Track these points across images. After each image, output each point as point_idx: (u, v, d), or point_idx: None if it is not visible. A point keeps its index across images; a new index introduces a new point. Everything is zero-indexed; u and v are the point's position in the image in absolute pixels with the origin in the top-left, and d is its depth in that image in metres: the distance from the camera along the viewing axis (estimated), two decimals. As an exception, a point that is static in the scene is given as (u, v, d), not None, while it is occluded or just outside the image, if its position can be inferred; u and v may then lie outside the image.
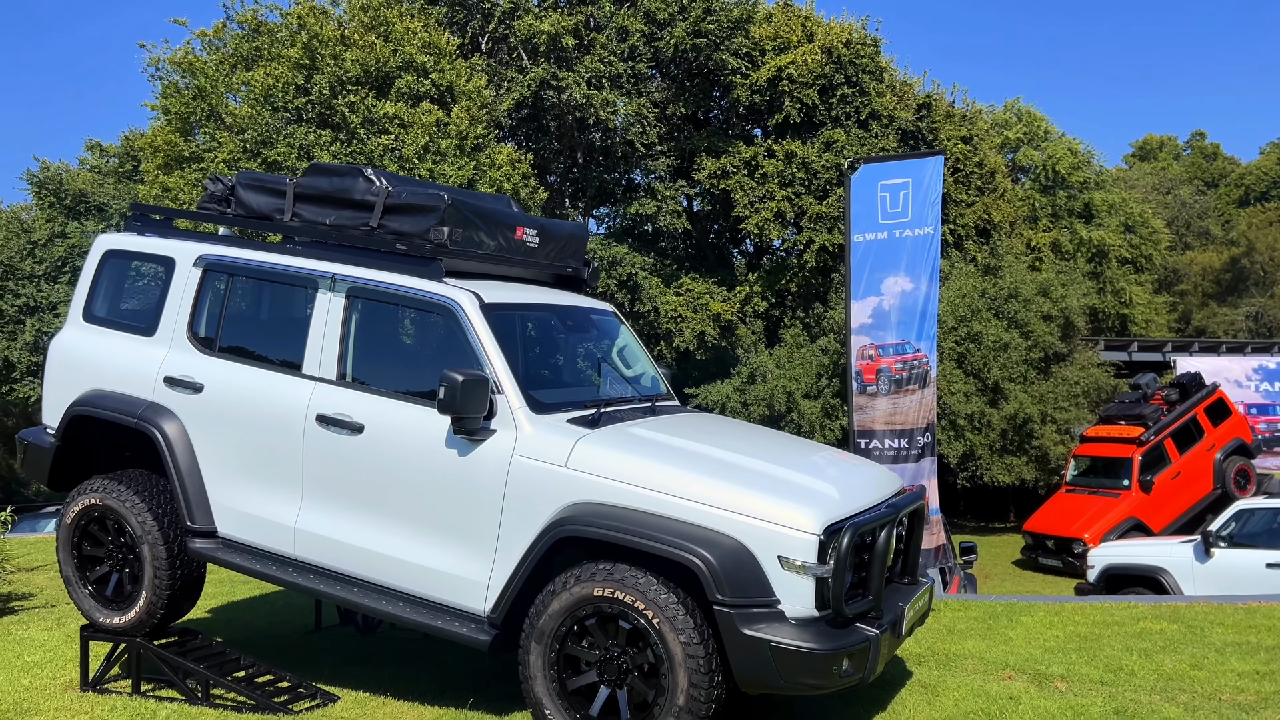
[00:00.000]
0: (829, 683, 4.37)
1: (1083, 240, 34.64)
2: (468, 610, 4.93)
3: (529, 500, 4.79)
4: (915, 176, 10.19)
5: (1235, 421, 19.36)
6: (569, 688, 4.62)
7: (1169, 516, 18.31)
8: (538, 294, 5.85)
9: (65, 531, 5.93)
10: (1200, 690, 5.51)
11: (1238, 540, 12.44)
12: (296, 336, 5.57)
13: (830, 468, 5.39)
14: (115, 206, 30.50)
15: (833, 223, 25.66)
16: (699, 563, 4.34)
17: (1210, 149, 52.98)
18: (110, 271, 6.21)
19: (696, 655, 4.35)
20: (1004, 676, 5.84)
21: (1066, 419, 22.90)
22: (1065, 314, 23.70)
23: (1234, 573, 12.04)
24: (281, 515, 5.39)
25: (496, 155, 22.87)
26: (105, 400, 5.84)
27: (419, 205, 5.34)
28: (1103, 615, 7.52)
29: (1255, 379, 23.12)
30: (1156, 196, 44.30)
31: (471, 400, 4.76)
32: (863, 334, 10.27)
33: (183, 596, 5.84)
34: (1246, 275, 41.78)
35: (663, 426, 5.31)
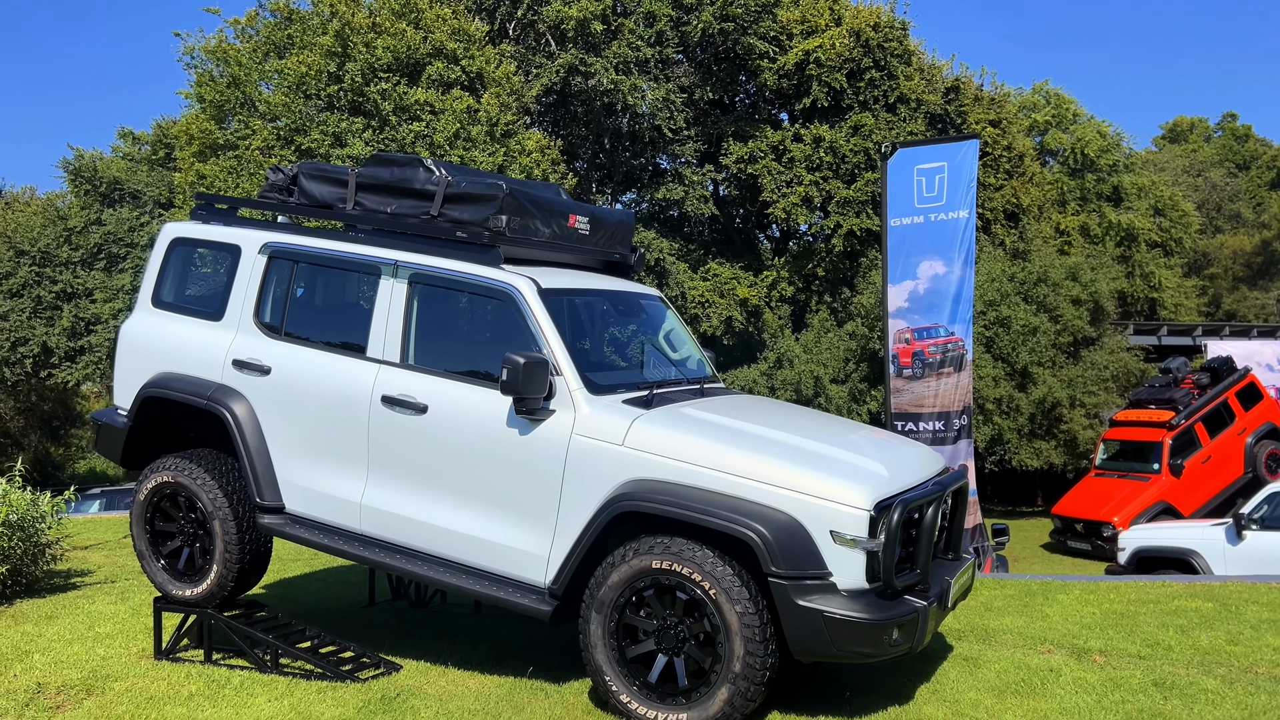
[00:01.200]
0: (879, 651, 4.56)
1: (1111, 224, 34.48)
2: (529, 582, 5.15)
3: (587, 477, 4.99)
4: (950, 160, 10.30)
5: (1267, 405, 19.33)
6: (628, 655, 4.84)
7: (1199, 500, 18.34)
8: (590, 280, 6.04)
9: (138, 508, 6.19)
10: (1237, 664, 5.66)
11: (1269, 523, 12.51)
12: (360, 321, 5.80)
13: (878, 447, 5.57)
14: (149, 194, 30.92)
15: (860, 207, 25.72)
16: (755, 537, 4.53)
17: (1242, 131, 52.40)
18: (177, 259, 6.45)
19: (752, 625, 4.55)
20: (1043, 651, 6.01)
21: (1095, 403, 22.91)
22: (1094, 298, 23.68)
23: (1266, 555, 12.13)
24: (347, 492, 5.62)
25: (526, 141, 23.06)
26: (176, 382, 6.09)
27: (478, 194, 5.54)
28: (1138, 594, 7.67)
29: (1287, 363, 23.03)
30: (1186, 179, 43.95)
31: (532, 381, 4.97)
32: (899, 318, 10.41)
33: (251, 570, 6.10)
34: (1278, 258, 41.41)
35: (713, 407, 5.50)
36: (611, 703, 4.85)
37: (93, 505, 19.37)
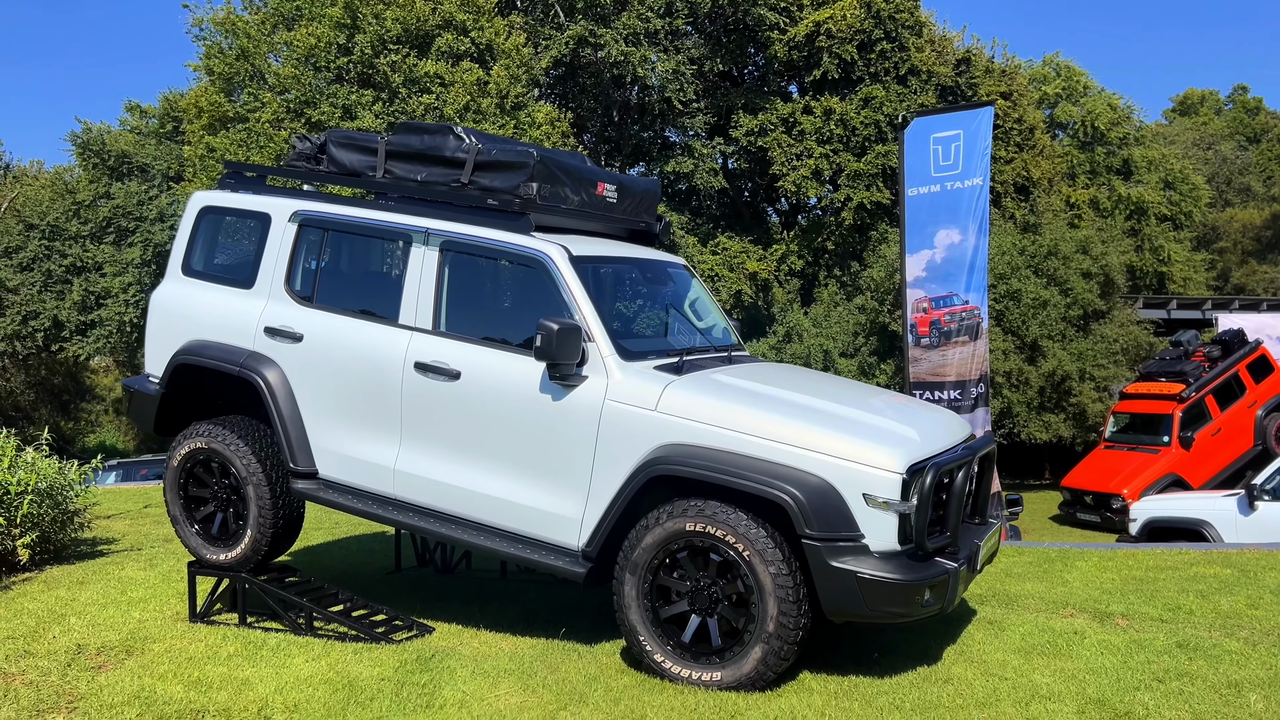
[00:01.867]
0: (911, 611, 4.64)
1: (1121, 197, 34.34)
2: (562, 545, 5.23)
3: (621, 442, 5.06)
4: (966, 128, 10.29)
5: (1278, 378, 19.35)
6: (661, 616, 4.93)
7: (1209, 472, 18.41)
8: (618, 248, 6.08)
9: (172, 474, 6.27)
10: (1258, 627, 5.74)
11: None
12: (391, 288, 5.84)
13: (908, 412, 5.63)
14: (157, 167, 30.90)
15: (870, 180, 25.66)
16: (789, 500, 4.60)
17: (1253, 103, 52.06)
18: (206, 227, 6.50)
19: (785, 585, 4.63)
20: (1066, 614, 6.09)
21: (1105, 376, 22.92)
22: (1105, 271, 23.64)
23: (1277, 526, 12.19)
24: (381, 457, 5.69)
25: (536, 114, 23.00)
26: (208, 349, 6.15)
27: (509, 162, 5.58)
28: (1156, 560, 7.75)
29: (1298, 336, 22.99)
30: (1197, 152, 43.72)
31: (566, 347, 5.02)
32: (917, 287, 10.44)
33: (284, 535, 6.18)
34: (1287, 232, 41.27)
35: (743, 373, 5.56)
36: (646, 662, 4.94)
37: (109, 477, 19.52)
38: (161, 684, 4.98)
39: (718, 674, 4.76)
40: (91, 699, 4.80)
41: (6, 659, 5.44)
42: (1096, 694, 4.58)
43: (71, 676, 5.17)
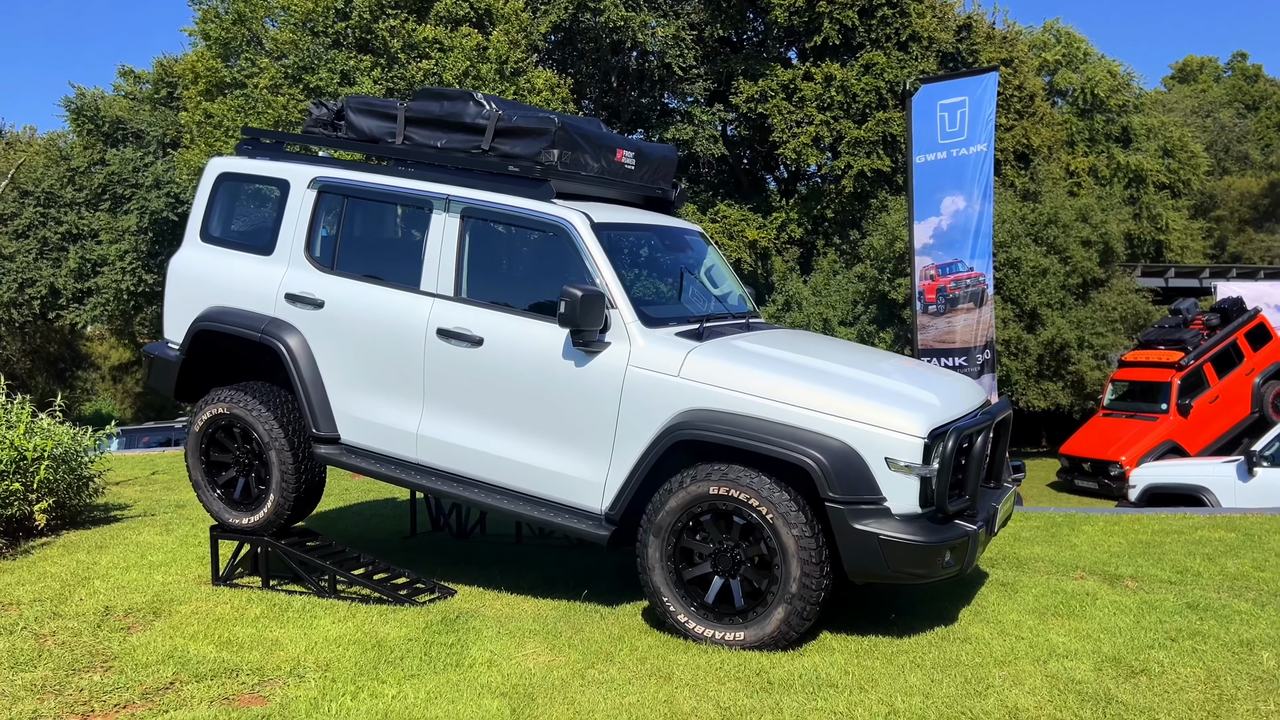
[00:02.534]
0: (932, 572, 4.73)
1: (1120, 165, 34.30)
2: (585, 509, 5.31)
3: (644, 408, 5.12)
4: (971, 94, 10.28)
5: (1275, 346, 19.46)
6: (684, 577, 5.01)
7: (1206, 440, 18.56)
8: (636, 215, 6.12)
9: (193, 439, 6.33)
10: (1265, 589, 5.85)
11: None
12: (412, 255, 5.87)
13: (928, 377, 5.69)
14: (152, 133, 30.70)
15: (871, 148, 25.60)
16: (812, 463, 4.68)
17: (1252, 70, 51.87)
18: (224, 193, 6.51)
19: (808, 547, 4.72)
20: (1076, 577, 6.20)
21: (1103, 344, 23.03)
22: (1104, 239, 23.68)
23: (1276, 491, 12.33)
24: (403, 422, 5.75)
25: (535, 79, 22.86)
26: (228, 316, 6.18)
27: (530, 129, 5.59)
28: (1161, 525, 7.86)
29: (1296, 304, 23.10)
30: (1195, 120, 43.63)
31: (590, 314, 5.07)
32: (925, 254, 10.48)
33: (306, 499, 6.26)
34: (1285, 200, 41.30)
35: (763, 340, 5.62)
36: (669, 622, 5.03)
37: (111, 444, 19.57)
38: (193, 644, 5.06)
39: (741, 634, 4.86)
40: (125, 659, 4.88)
41: (37, 620, 5.51)
42: (1112, 652, 4.68)
43: (103, 637, 5.24)
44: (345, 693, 4.34)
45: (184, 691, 4.45)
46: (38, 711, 4.26)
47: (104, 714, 4.25)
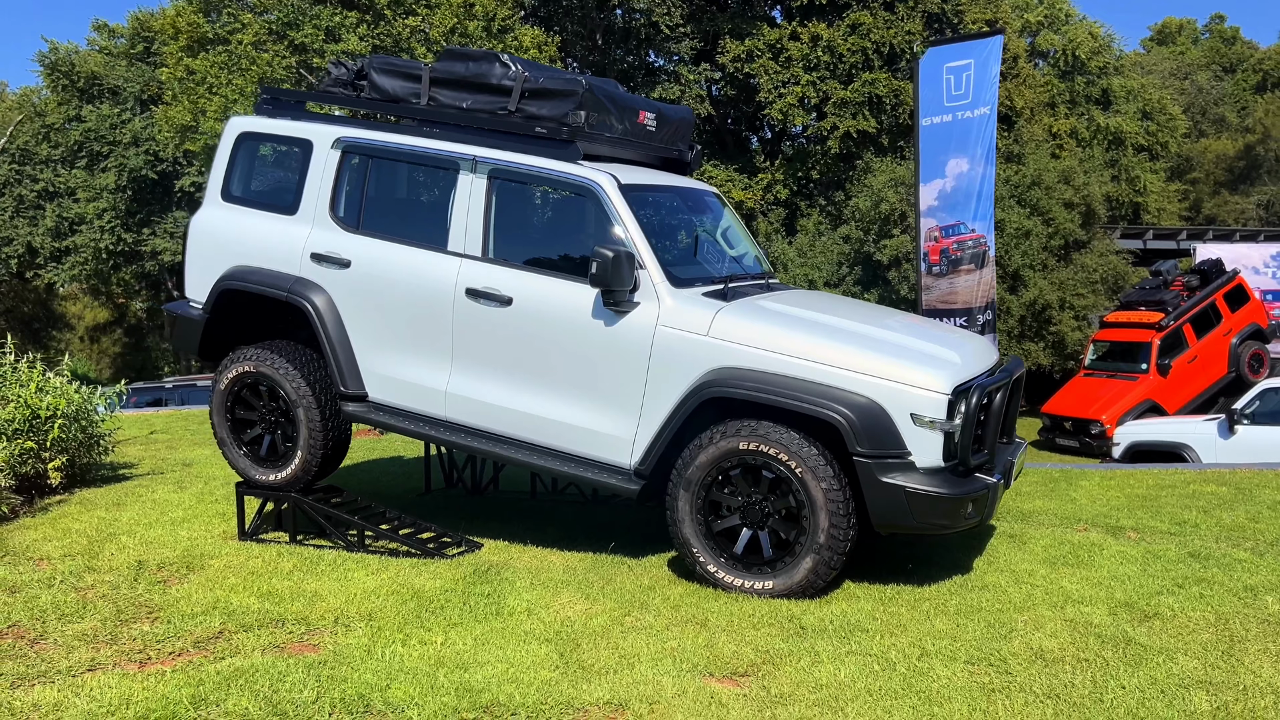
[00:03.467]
0: (955, 523, 4.93)
1: (1100, 127, 34.54)
2: (614, 464, 5.46)
3: (673, 366, 5.26)
4: (977, 57, 10.39)
5: (1253, 307, 19.84)
6: (714, 529, 5.19)
7: (1184, 399, 18.94)
8: (659, 176, 6.21)
9: (219, 397, 6.41)
10: (1262, 539, 6.11)
11: (1260, 418, 13.08)
12: (438, 215, 5.95)
13: (947, 337, 5.87)
14: (129, 90, 30.23)
15: (857, 109, 25.63)
16: (841, 419, 4.85)
17: (1229, 33, 52.12)
18: (245, 153, 6.53)
19: (836, 499, 4.90)
20: (1080, 529, 6.44)
21: (1084, 305, 23.37)
22: (1086, 201, 23.93)
23: (1255, 448, 12.69)
24: (432, 380, 5.86)
25: (523, 37, 22.71)
26: (253, 275, 6.24)
27: (557, 90, 5.66)
28: (1155, 480, 8.13)
29: (1273, 266, 23.52)
30: (1174, 82, 43.87)
31: (621, 274, 5.19)
32: (929, 216, 10.64)
33: (333, 456, 6.36)
34: (1260, 163, 41.74)
35: (787, 300, 5.76)
36: (699, 572, 5.21)
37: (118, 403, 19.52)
38: (234, 596, 5.19)
39: (769, 582, 5.04)
40: (170, 610, 5.00)
41: (72, 574, 5.62)
42: (1124, 598, 4.91)
43: (142, 590, 5.36)
44: (394, 640, 4.49)
45: (234, 640, 4.59)
46: (95, 660, 4.38)
47: (161, 661, 4.38)
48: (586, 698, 3.81)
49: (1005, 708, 3.64)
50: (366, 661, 4.23)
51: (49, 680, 4.14)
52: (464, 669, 4.12)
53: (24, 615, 4.95)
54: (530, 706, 3.73)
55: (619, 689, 3.88)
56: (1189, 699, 3.66)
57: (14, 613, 4.97)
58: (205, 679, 4.05)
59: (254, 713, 3.75)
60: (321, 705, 3.79)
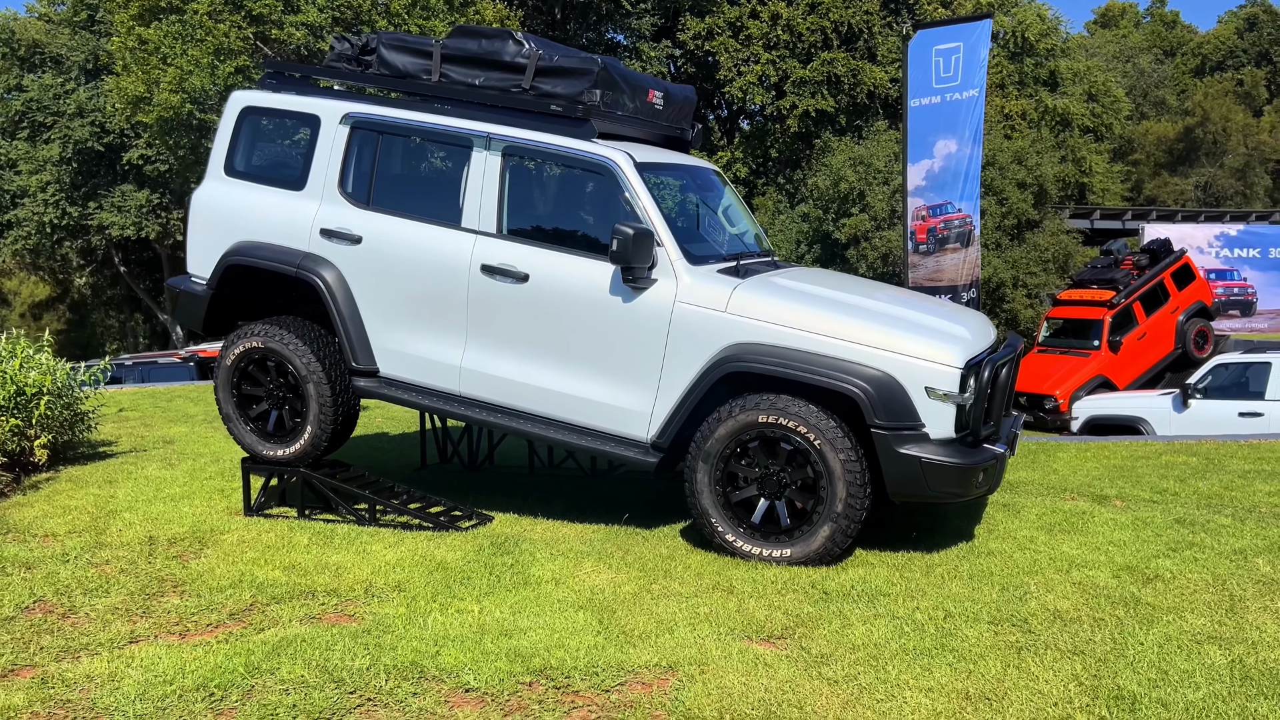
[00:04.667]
0: (967, 492, 5.14)
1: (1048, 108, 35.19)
2: (631, 437, 5.58)
3: (691, 341, 5.39)
4: (966, 40, 10.61)
5: (1198, 285, 20.51)
6: (732, 500, 5.34)
7: (1133, 374, 19.55)
8: (667, 154, 6.31)
9: (225, 373, 6.39)
10: (1239, 505, 6.44)
11: (1211, 393, 13.59)
12: (451, 192, 5.99)
13: (955, 314, 6.07)
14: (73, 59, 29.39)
15: (816, 87, 25.90)
16: (859, 393, 5.02)
17: (1170, 17, 53.35)
18: (249, 127, 6.49)
19: (853, 470, 5.08)
20: (1068, 498, 6.71)
21: (1036, 284, 23.95)
22: (1039, 182, 24.47)
23: (1207, 421, 13.19)
24: (446, 356, 5.92)
25: (484, 10, 22.55)
26: (261, 250, 6.23)
27: (572, 68, 5.72)
28: (1128, 451, 8.47)
29: (1216, 246, 24.31)
30: (1117, 65, 44.80)
31: (640, 251, 5.29)
32: (917, 196, 10.87)
33: (343, 431, 6.40)
34: (1199, 145, 42.89)
35: (798, 277, 5.92)
36: (717, 541, 5.37)
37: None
38: (258, 569, 5.22)
39: (787, 550, 5.21)
40: (196, 583, 5.03)
41: (84, 550, 5.60)
42: (1124, 561, 5.17)
43: (160, 565, 5.37)
44: (431, 609, 4.58)
45: (268, 612, 4.64)
46: (134, 632, 4.41)
47: (199, 633, 4.42)
48: (635, 661, 3.94)
49: (1036, 664, 3.84)
50: (409, 630, 4.32)
51: (93, 652, 4.17)
52: (508, 635, 4.23)
53: (48, 590, 4.94)
54: (583, 670, 3.86)
55: (664, 652, 4.02)
56: (1204, 653, 3.91)
57: (36, 588, 4.96)
58: (254, 649, 4.11)
59: (310, 679, 3.83)
60: (376, 671, 3.88)
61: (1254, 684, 3.61)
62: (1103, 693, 3.56)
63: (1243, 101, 45.06)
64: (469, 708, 3.60)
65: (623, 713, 3.52)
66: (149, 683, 3.82)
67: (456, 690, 3.73)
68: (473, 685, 3.76)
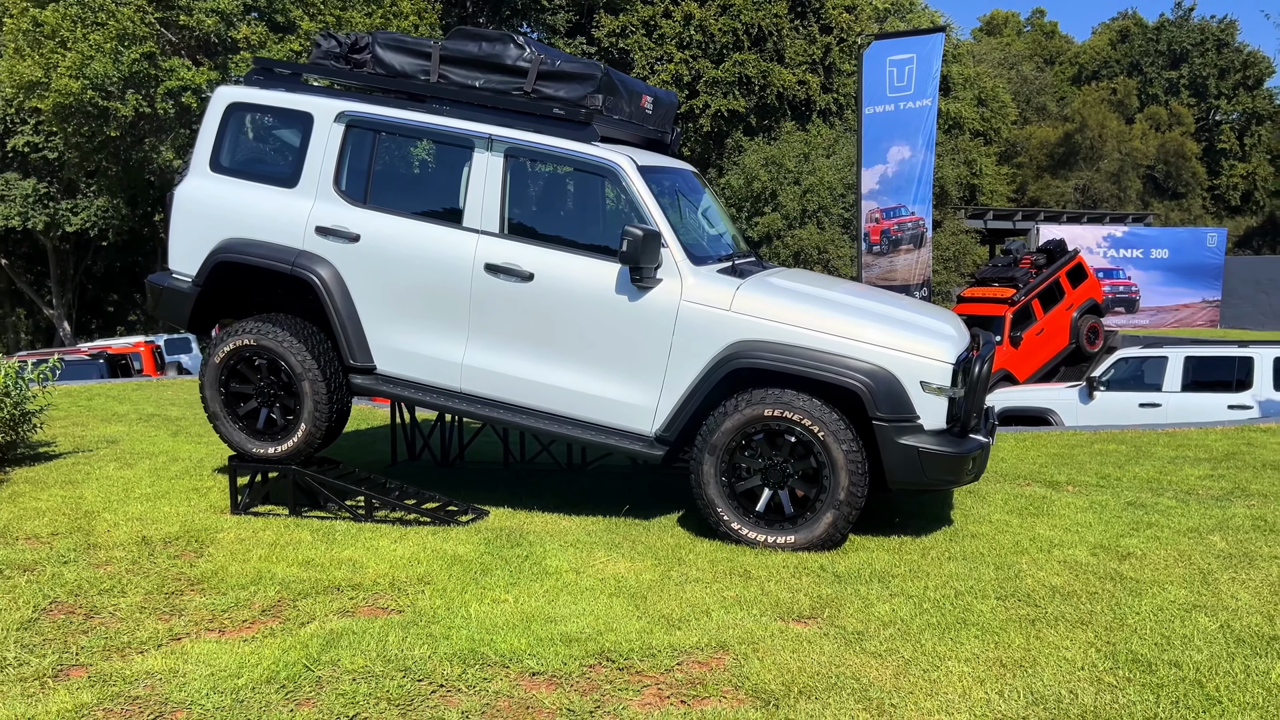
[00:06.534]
0: (960, 479, 5.52)
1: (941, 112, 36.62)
2: (637, 431, 5.79)
3: (697, 339, 5.62)
4: (919, 52, 11.13)
5: (1090, 284, 21.74)
6: (737, 490, 5.60)
7: (1032, 368, 20.63)
8: (659, 158, 6.52)
9: (213, 370, 6.33)
10: (1177, 489, 7.01)
11: (1114, 385, 14.51)
12: (451, 191, 6.09)
13: (937, 313, 6.44)
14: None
15: (728, 88, 26.41)
16: (862, 387, 5.34)
17: (1049, 27, 55.96)
18: (235, 124, 6.44)
19: (855, 460, 5.39)
20: (1024, 484, 7.19)
21: (938, 281, 24.97)
22: (941, 183, 25.51)
23: (1111, 412, 14.10)
24: (447, 353, 6.01)
25: (402, 3, 22.29)
26: (253, 248, 6.20)
27: (575, 73, 5.89)
28: (1063, 440, 9.06)
29: (1104, 246, 25.75)
30: (1002, 71, 46.83)
31: (649, 252, 5.50)
32: (870, 199, 11.32)
33: (335, 428, 6.41)
34: (1078, 150, 45.18)
35: (791, 277, 6.21)
36: (722, 529, 5.62)
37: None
38: (273, 566, 5.23)
39: (791, 537, 5.50)
40: (215, 582, 5.02)
41: (76, 552, 5.51)
42: (1096, 540, 5.62)
43: (167, 564, 5.33)
44: (467, 600, 4.69)
45: (301, 607, 4.68)
46: (172, 629, 4.41)
47: (237, 630, 4.45)
48: (685, 642, 4.16)
49: (1052, 634, 4.21)
50: (454, 620, 4.43)
51: (141, 650, 4.17)
52: (553, 622, 4.39)
53: (60, 592, 4.88)
54: (639, 652, 4.05)
55: (710, 633, 4.24)
56: (1196, 620, 4.34)
57: (47, 590, 4.89)
58: (307, 642, 4.18)
59: (376, 669, 3.92)
60: (438, 660, 3.99)
61: (1248, 645, 4.05)
62: (1120, 657, 3.94)
63: (1116, 109, 47.67)
64: (544, 689, 3.76)
65: (694, 689, 3.74)
66: (215, 677, 3.86)
67: (524, 674, 3.88)
68: (538, 670, 3.92)
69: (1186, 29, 51.42)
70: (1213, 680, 3.71)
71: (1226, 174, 51.02)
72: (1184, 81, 50.82)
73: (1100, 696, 3.59)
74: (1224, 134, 51.52)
